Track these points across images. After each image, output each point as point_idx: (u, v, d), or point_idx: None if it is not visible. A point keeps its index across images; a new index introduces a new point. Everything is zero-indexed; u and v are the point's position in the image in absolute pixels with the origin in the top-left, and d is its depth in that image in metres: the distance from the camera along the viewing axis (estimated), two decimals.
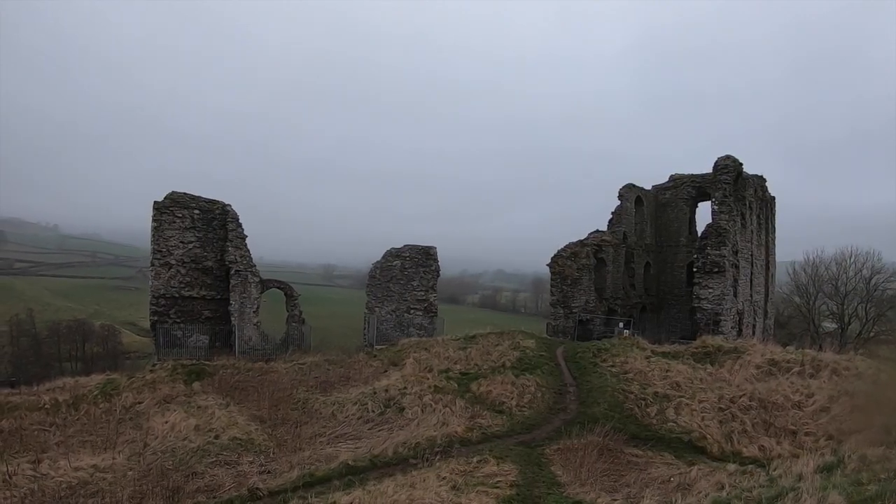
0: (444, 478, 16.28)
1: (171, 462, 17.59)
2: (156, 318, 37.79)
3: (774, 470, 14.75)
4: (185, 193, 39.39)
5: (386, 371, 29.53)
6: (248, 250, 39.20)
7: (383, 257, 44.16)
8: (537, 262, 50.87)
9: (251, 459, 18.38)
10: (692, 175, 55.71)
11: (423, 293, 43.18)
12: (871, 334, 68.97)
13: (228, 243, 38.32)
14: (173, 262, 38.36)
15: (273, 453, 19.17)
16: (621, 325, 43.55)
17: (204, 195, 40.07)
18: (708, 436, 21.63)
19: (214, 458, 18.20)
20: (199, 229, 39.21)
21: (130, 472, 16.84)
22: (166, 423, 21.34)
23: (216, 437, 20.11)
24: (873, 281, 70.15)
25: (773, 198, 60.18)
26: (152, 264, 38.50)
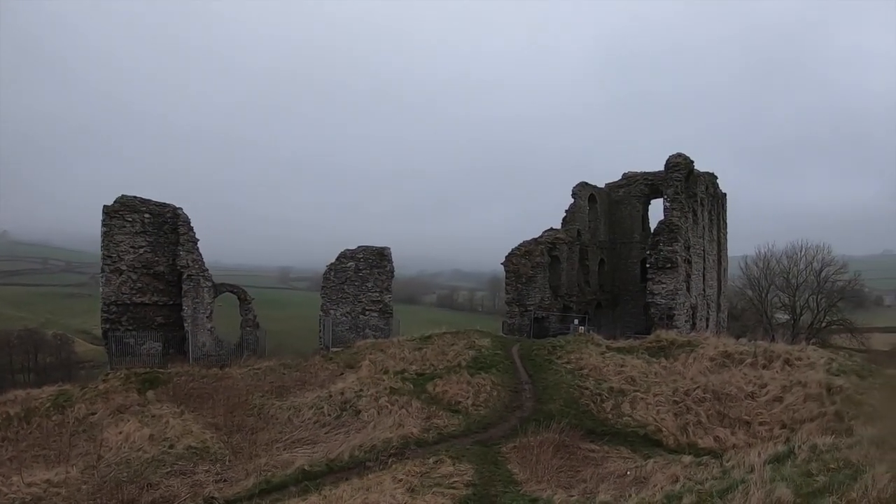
0: (399, 480, 16.40)
1: (125, 474, 17.46)
2: (108, 325, 37.16)
3: (728, 461, 15.05)
4: (134, 197, 38.72)
5: (342, 374, 29.50)
6: (200, 254, 38.73)
7: (337, 259, 43.96)
8: (495, 260, 51.22)
9: (207, 468, 18.33)
10: (645, 173, 56.60)
11: (378, 294, 43.16)
12: (823, 324, 70.99)
13: (180, 247, 37.83)
14: (124, 267, 37.76)
15: (229, 461, 19.13)
16: (576, 321, 44.06)
17: (156, 198, 39.48)
18: (663, 429, 22.09)
19: (170, 468, 18.13)
20: (149, 234, 38.61)
21: (85, 486, 16.70)
22: (120, 433, 21.17)
23: (171, 446, 20.03)
24: (824, 273, 72.12)
25: (725, 194, 61.38)
26: (102, 270, 37.83)
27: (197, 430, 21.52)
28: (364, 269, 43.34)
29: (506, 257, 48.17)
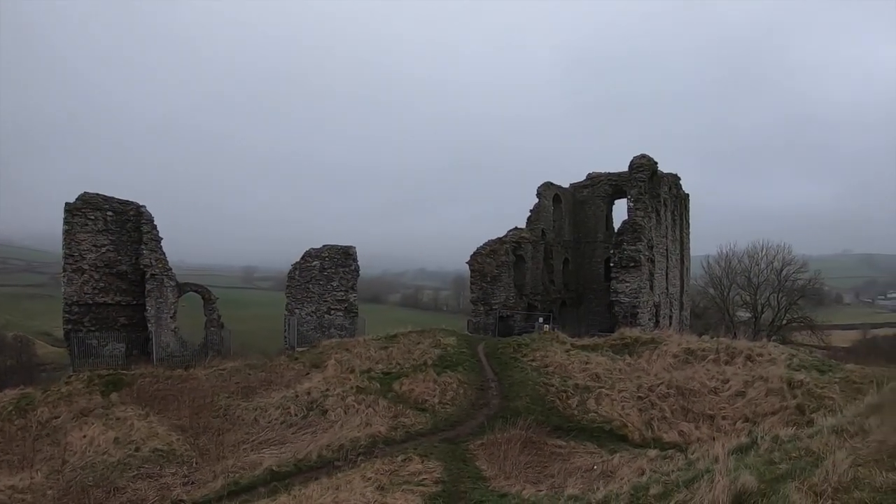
0: (369, 478, 16.46)
1: (91, 478, 17.25)
2: (69, 326, 36.51)
3: (693, 454, 15.34)
4: (97, 194, 37.98)
5: (308, 373, 29.43)
6: (164, 253, 38.19)
7: (302, 258, 43.72)
8: (459, 260, 51.54)
9: (174, 471, 18.20)
10: (609, 173, 57.26)
11: (343, 293, 43.05)
12: (784, 322, 72.49)
13: (143, 246, 37.24)
14: (86, 266, 37.12)
15: (196, 463, 18.99)
16: (541, 320, 44.46)
17: (117, 195, 38.79)
18: (629, 424, 22.54)
19: (136, 472, 17.96)
20: (112, 232, 37.94)
21: (50, 492, 16.47)
22: (84, 437, 20.85)
23: (137, 449, 19.82)
24: (784, 272, 73.62)
25: (687, 195, 62.30)
26: (64, 270, 37.13)
27: (162, 433, 21.33)
28: (329, 268, 43.18)
29: (471, 256, 48.44)
